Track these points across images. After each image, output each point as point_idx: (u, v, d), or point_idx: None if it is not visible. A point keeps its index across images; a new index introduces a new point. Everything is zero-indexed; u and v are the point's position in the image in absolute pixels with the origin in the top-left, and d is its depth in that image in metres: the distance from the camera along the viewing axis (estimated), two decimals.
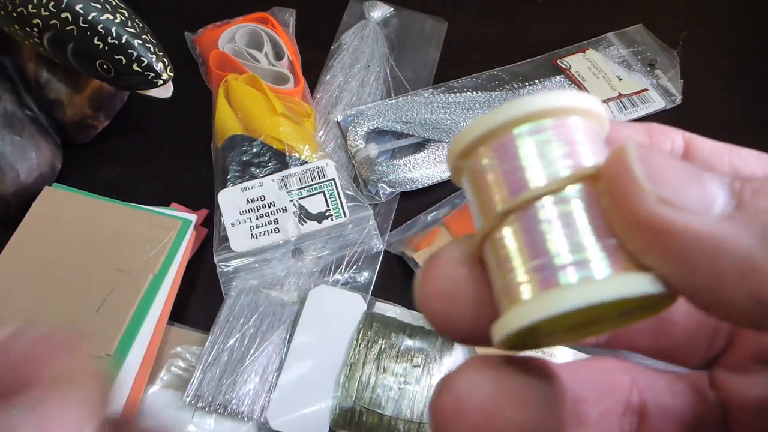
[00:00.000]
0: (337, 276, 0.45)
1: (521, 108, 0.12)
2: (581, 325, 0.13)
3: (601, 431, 0.15)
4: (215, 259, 0.43)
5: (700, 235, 0.10)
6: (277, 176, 0.44)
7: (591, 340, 0.15)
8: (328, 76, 0.54)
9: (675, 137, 0.14)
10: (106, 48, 0.41)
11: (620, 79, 0.55)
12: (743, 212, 0.10)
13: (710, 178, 0.11)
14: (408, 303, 0.44)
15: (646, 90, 0.55)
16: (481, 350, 0.41)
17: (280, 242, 0.44)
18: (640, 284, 0.11)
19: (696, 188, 0.10)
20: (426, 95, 0.53)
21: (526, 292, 0.12)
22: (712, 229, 0.10)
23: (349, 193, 0.45)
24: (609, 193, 0.11)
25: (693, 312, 0.15)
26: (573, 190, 0.12)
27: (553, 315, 0.11)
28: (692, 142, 0.14)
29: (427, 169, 0.49)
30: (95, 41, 0.41)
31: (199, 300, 0.45)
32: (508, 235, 0.12)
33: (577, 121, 0.13)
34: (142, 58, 0.42)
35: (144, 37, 0.42)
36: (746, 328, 0.11)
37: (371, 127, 0.51)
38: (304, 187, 0.44)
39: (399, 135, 0.51)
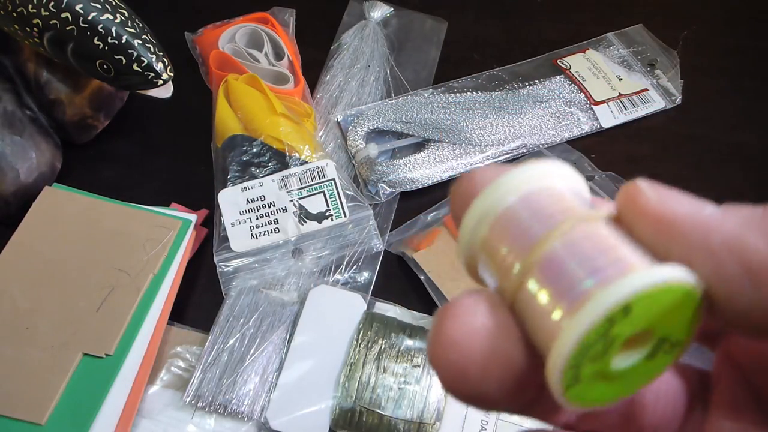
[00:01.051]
0: (337, 276, 0.45)
1: (502, 188, 0.14)
2: (628, 350, 0.13)
3: None
4: (215, 259, 0.43)
5: (695, 221, 0.12)
6: (277, 176, 0.44)
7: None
8: (328, 76, 0.54)
9: None
10: (106, 48, 0.41)
11: (620, 79, 0.55)
12: (728, 210, 0.13)
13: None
14: (408, 303, 0.44)
15: (646, 90, 0.55)
16: None
17: (280, 242, 0.44)
18: (664, 272, 0.12)
19: (690, 199, 0.13)
20: (426, 95, 0.53)
21: (563, 322, 0.12)
22: (705, 218, 0.12)
23: (349, 193, 0.45)
24: (628, 204, 0.13)
25: (663, 394, 0.16)
26: (578, 225, 0.13)
27: (590, 324, 0.12)
28: None
29: (427, 169, 0.49)
30: (95, 41, 0.41)
31: (199, 300, 0.45)
32: (533, 287, 0.13)
33: (560, 185, 0.14)
34: (142, 58, 0.42)
35: (144, 37, 0.42)
36: (743, 328, 0.13)
37: (371, 127, 0.51)
38: (304, 187, 0.44)
39: (399, 135, 0.51)
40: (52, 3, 0.40)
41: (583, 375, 0.13)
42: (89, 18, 0.40)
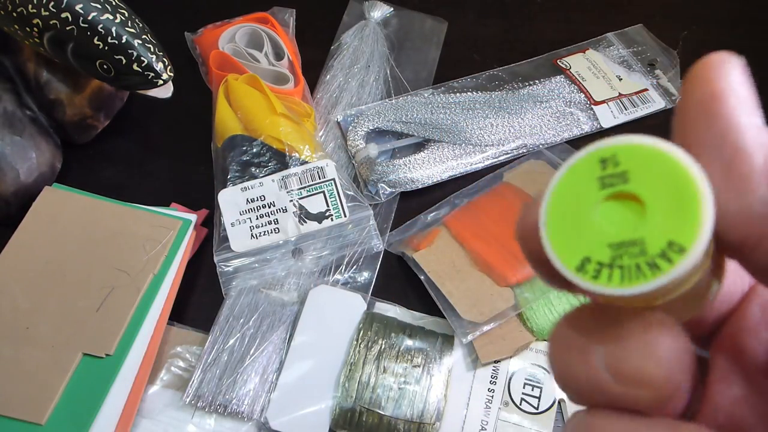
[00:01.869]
0: (337, 276, 0.45)
1: None
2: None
3: None
4: (215, 259, 0.43)
5: (747, 127, 0.12)
6: (277, 176, 0.44)
7: None
8: (328, 76, 0.54)
9: None
10: (106, 48, 0.41)
11: (620, 79, 0.55)
12: None
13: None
14: (408, 303, 0.44)
15: (646, 90, 0.55)
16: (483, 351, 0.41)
17: (280, 242, 0.44)
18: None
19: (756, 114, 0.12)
20: (426, 95, 0.53)
21: None
22: (756, 132, 0.12)
23: (349, 193, 0.45)
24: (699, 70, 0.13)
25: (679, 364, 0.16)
26: None
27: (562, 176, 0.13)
28: None
29: (427, 169, 0.49)
30: (95, 41, 0.41)
31: (199, 300, 0.45)
32: None
33: None
34: (142, 58, 0.42)
35: (144, 37, 0.42)
36: None
37: (371, 127, 0.51)
38: (304, 187, 0.44)
39: (399, 135, 0.51)
40: (52, 3, 0.40)
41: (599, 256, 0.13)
42: (89, 18, 0.40)
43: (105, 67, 0.42)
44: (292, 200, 0.44)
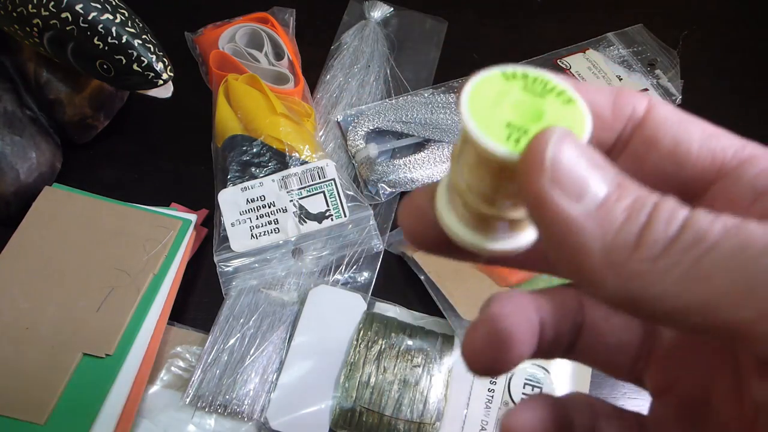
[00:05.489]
0: (337, 276, 0.45)
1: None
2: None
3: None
4: (215, 259, 0.43)
5: (560, 211, 0.13)
6: (277, 176, 0.44)
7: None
8: (328, 76, 0.54)
9: (638, 104, 0.16)
10: (106, 48, 0.41)
11: (620, 79, 0.55)
12: (601, 211, 0.13)
13: (597, 175, 0.13)
14: (408, 303, 0.44)
15: (646, 90, 0.55)
16: None
17: (280, 242, 0.44)
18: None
19: (585, 180, 0.13)
20: (426, 95, 0.53)
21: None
22: (572, 214, 0.13)
23: (349, 193, 0.45)
24: (522, 162, 0.13)
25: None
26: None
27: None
28: (652, 111, 0.16)
29: (427, 169, 0.49)
30: (95, 41, 0.41)
31: (199, 300, 0.45)
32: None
33: None
34: (142, 58, 0.42)
35: (144, 37, 0.42)
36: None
37: (371, 127, 0.51)
38: (304, 187, 0.44)
39: (399, 135, 0.51)
40: (52, 3, 0.40)
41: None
42: (89, 18, 0.40)
43: (105, 67, 0.42)
44: (292, 200, 0.44)
